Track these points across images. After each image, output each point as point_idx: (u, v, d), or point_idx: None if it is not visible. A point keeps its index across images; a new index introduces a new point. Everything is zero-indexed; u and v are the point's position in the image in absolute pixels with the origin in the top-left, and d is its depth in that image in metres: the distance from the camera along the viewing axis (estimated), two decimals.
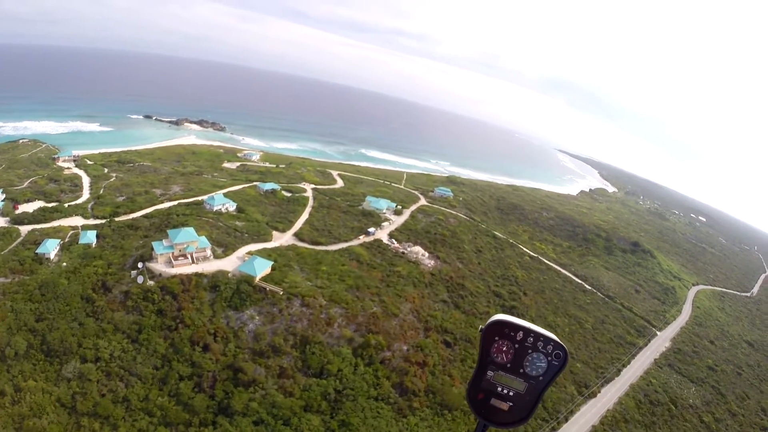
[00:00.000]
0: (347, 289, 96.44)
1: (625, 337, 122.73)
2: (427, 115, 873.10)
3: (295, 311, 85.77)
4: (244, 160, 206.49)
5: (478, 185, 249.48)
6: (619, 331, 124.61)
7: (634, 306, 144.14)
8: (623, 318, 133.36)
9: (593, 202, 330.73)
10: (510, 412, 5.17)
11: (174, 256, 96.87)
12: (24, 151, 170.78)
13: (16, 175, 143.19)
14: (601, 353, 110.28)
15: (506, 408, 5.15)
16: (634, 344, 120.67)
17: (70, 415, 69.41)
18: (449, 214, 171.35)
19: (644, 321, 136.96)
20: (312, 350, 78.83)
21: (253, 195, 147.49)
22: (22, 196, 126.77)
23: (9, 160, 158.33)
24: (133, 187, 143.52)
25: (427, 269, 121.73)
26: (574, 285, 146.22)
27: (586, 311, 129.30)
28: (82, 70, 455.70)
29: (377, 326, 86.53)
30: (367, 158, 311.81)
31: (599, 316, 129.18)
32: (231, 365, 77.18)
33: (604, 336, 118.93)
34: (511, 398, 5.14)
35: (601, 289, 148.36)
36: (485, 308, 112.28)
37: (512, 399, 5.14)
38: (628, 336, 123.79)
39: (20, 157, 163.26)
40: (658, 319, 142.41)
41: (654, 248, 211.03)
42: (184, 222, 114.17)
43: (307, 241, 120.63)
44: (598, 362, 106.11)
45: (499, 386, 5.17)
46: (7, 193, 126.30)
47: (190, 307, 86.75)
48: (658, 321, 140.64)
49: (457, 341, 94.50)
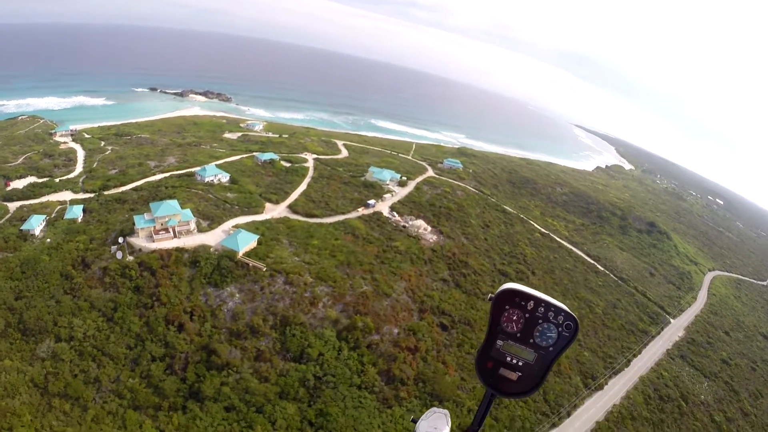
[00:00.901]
0: (337, 266, 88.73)
1: (637, 323, 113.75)
2: (439, 86, 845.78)
3: (277, 289, 78.68)
4: (246, 130, 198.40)
5: (490, 158, 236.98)
6: (631, 317, 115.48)
7: (648, 290, 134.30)
8: (636, 303, 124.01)
9: (609, 178, 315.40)
10: (518, 382, 4.98)
11: (155, 230, 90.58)
12: (22, 128, 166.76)
13: (11, 151, 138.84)
14: (610, 341, 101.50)
15: (515, 378, 4.97)
16: (646, 332, 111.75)
17: (42, 395, 65.59)
18: (457, 187, 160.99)
19: (658, 307, 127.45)
20: (292, 332, 71.92)
21: (250, 166, 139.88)
22: (14, 172, 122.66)
23: (6, 137, 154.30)
24: (127, 159, 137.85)
25: (428, 245, 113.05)
26: (586, 265, 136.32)
27: (598, 294, 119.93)
28: (90, 47, 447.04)
29: (366, 307, 78.93)
30: (376, 128, 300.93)
31: (611, 299, 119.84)
32: (206, 346, 71.18)
33: (615, 322, 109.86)
34: (520, 368, 4.95)
35: (614, 271, 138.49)
36: (489, 288, 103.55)
37: (521, 369, 4.95)
38: (641, 323, 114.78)
39: (17, 133, 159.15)
40: (673, 305, 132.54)
41: (670, 229, 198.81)
42: (171, 194, 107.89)
43: (301, 213, 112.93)
44: (608, 351, 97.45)
45: (509, 356, 4.98)
46: (1, 170, 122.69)
47: (168, 284, 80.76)
48: (672, 308, 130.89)
49: (455, 324, 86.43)
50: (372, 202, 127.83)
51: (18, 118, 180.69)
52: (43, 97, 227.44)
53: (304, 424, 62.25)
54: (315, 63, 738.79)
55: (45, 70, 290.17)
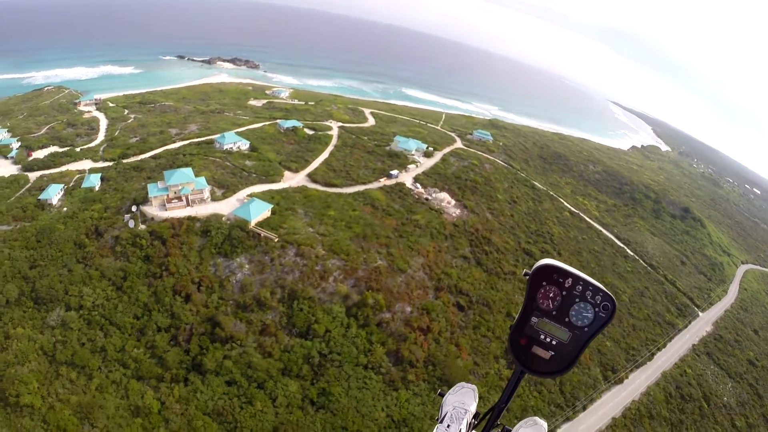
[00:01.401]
0: (352, 239, 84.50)
1: (664, 315, 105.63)
2: (473, 56, 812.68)
3: (287, 261, 75.48)
4: (272, 97, 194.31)
5: (522, 131, 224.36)
6: (658, 307, 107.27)
7: (678, 279, 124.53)
8: (665, 292, 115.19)
9: (644, 159, 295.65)
10: (550, 361, 4.80)
11: (168, 198, 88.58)
12: (47, 98, 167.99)
13: (35, 122, 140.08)
14: (635, 332, 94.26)
15: (547, 357, 4.79)
16: (673, 325, 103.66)
17: (50, 363, 65.95)
18: (485, 159, 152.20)
19: (687, 298, 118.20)
20: (300, 306, 68.79)
21: (272, 133, 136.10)
22: (37, 143, 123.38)
23: (31, 108, 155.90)
24: (148, 127, 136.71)
25: (450, 219, 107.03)
26: (615, 248, 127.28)
27: (625, 280, 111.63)
28: (120, 17, 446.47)
29: (379, 283, 74.72)
30: (406, 97, 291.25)
31: (639, 287, 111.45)
32: (211, 318, 69.34)
33: (642, 312, 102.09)
34: (553, 347, 4.76)
35: (645, 257, 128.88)
36: (512, 267, 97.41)
37: (554, 348, 4.76)
38: (668, 314, 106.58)
39: (42, 104, 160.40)
40: (702, 297, 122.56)
41: (705, 217, 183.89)
42: (188, 162, 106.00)
43: (320, 182, 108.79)
44: (631, 342, 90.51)
45: (542, 334, 4.79)
46: (24, 141, 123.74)
47: (177, 253, 78.99)
48: (701, 300, 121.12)
49: (473, 305, 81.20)
50: (395, 173, 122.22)
51: (44, 89, 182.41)
52: (72, 68, 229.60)
53: (305, 403, 59.74)
54: (348, 31, 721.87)
55: (74, 41, 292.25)
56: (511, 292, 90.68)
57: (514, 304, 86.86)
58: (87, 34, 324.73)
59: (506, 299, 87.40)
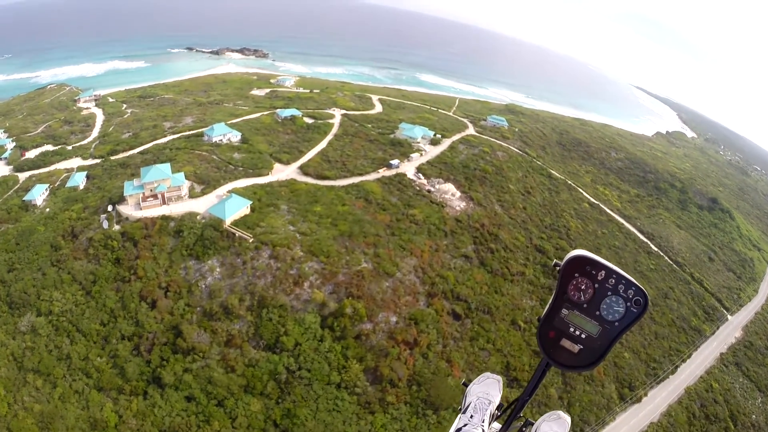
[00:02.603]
0: (336, 237, 76.81)
1: (690, 319, 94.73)
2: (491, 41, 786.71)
3: (260, 264, 68.54)
4: (276, 86, 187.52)
5: (540, 116, 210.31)
6: (683, 311, 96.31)
7: (705, 278, 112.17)
8: (691, 293, 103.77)
9: (669, 146, 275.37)
10: (578, 355, 4.67)
11: (144, 196, 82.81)
12: (48, 96, 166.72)
13: (32, 121, 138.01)
14: (657, 340, 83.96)
15: (576, 350, 4.67)
16: (699, 331, 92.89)
17: (19, 370, 63.23)
18: (498, 147, 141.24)
19: (715, 299, 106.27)
20: (269, 315, 61.64)
21: (268, 123, 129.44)
22: (31, 142, 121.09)
23: (31, 107, 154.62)
24: (143, 122, 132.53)
25: (453, 213, 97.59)
26: (638, 244, 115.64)
27: (648, 280, 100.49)
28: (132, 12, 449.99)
29: (360, 289, 66.75)
30: (420, 83, 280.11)
31: (663, 288, 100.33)
32: (175, 327, 63.20)
33: (665, 316, 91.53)
34: (582, 341, 4.63)
35: (670, 252, 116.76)
36: (521, 267, 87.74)
37: (583, 342, 4.63)
38: (694, 318, 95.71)
39: (42, 102, 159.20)
40: (731, 298, 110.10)
41: (733, 207, 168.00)
42: (172, 157, 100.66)
43: (311, 174, 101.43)
44: (652, 353, 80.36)
45: (572, 326, 4.67)
46: (20, 141, 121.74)
47: (147, 255, 73.34)
48: (730, 301, 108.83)
49: (471, 312, 72.37)
50: (395, 162, 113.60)
51: (47, 88, 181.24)
52: (79, 65, 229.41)
53: (267, 424, 53.29)
54: (362, 18, 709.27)
55: (83, 38, 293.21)
56: (518, 295, 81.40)
57: (521, 310, 77.79)
58: (96, 30, 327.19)
59: (512, 304, 78.30)
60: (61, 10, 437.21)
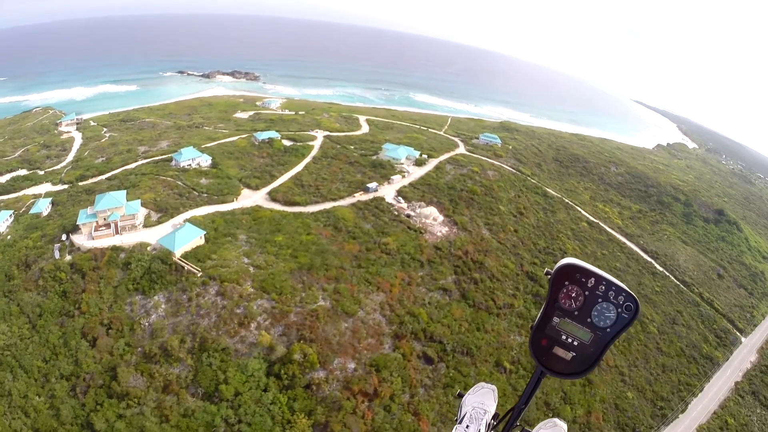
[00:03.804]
0: (293, 271, 72.73)
1: (701, 346, 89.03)
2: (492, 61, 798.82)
3: (205, 301, 64.53)
4: (262, 108, 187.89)
5: (536, 133, 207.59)
6: (693, 337, 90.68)
7: (715, 298, 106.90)
8: (701, 316, 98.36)
9: (671, 158, 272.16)
10: (571, 363, 4.76)
11: (97, 225, 79.78)
12: (31, 120, 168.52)
13: (12, 145, 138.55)
14: (665, 374, 78.17)
15: (568, 358, 4.76)
16: (711, 359, 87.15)
17: None
18: (489, 166, 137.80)
19: (727, 321, 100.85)
20: (209, 360, 57.14)
21: (243, 146, 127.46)
22: (6, 166, 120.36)
23: (13, 131, 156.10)
24: (118, 146, 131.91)
25: (432, 240, 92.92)
26: (642, 264, 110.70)
27: (653, 304, 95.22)
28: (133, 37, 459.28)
29: (314, 331, 62.10)
30: (413, 103, 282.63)
31: (670, 312, 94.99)
32: (113, 368, 58.87)
33: (674, 346, 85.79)
34: (575, 348, 4.72)
35: (676, 272, 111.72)
36: (509, 298, 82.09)
37: (575, 349, 4.72)
38: (705, 345, 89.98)
39: (25, 126, 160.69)
40: (744, 318, 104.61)
41: (740, 218, 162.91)
42: (136, 183, 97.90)
43: (280, 200, 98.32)
44: (659, 390, 74.69)
45: (564, 334, 4.75)
46: None
47: (93, 289, 69.63)
48: (743, 321, 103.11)
49: (447, 355, 66.64)
50: (373, 186, 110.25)
51: (32, 111, 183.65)
52: (70, 88, 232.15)
53: None
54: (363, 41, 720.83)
55: (78, 62, 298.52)
56: (505, 331, 75.60)
57: (508, 348, 72.54)
58: (92, 55, 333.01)
59: (497, 342, 72.46)
60: (59, 35, 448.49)
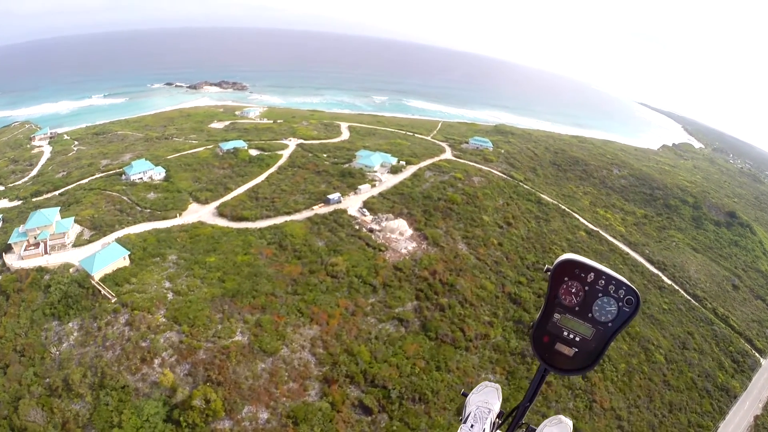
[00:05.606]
0: (216, 298, 68.67)
1: (716, 375, 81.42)
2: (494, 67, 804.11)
3: (113, 332, 61.60)
4: (240, 118, 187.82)
5: (533, 135, 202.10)
6: (707, 363, 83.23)
7: (731, 313, 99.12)
8: (715, 337, 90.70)
9: (677, 158, 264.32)
10: (574, 359, 4.83)
11: (27, 244, 78.35)
12: (8, 134, 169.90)
13: None
14: (672, 414, 71.30)
15: (571, 354, 4.82)
16: (727, 390, 79.63)
17: None
18: (476, 171, 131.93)
19: (744, 340, 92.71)
20: (106, 399, 54.23)
21: (205, 157, 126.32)
22: None
23: None
24: (82, 160, 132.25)
25: (394, 258, 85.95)
26: (647, 278, 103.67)
27: (660, 326, 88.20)
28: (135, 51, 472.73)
29: (223, 372, 57.34)
30: (406, 108, 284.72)
31: (679, 335, 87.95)
32: (19, 398, 56.58)
33: (683, 377, 78.76)
34: (577, 344, 4.79)
35: (686, 284, 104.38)
36: (484, 328, 73.70)
37: (577, 345, 4.79)
38: (720, 374, 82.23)
39: (1, 140, 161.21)
40: (763, 334, 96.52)
41: (752, 220, 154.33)
42: (80, 198, 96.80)
43: (227, 216, 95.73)
44: None
45: (565, 330, 4.82)
46: None
47: (13, 313, 67.82)
48: (763, 340, 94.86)
49: (391, 404, 58.69)
50: (335, 197, 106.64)
51: (11, 125, 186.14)
52: (56, 102, 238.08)
53: None
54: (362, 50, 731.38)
55: (71, 77, 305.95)
56: (474, 369, 66.50)
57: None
58: (85, 69, 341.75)
59: (462, 384, 62.59)
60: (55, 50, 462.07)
